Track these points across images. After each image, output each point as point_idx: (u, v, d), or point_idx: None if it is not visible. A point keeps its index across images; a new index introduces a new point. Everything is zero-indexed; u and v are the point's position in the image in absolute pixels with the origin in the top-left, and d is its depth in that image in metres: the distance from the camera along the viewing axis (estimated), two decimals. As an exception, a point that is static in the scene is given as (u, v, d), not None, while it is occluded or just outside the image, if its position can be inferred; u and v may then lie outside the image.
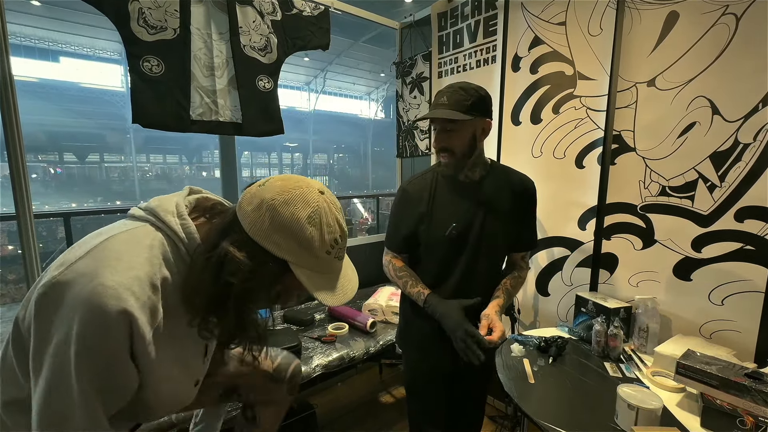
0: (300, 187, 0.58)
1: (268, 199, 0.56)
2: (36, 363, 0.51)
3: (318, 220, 0.57)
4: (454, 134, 1.04)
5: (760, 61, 1.11)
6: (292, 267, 0.58)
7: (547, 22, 1.63)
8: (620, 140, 1.44)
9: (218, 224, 0.60)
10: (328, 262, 0.61)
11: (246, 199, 0.58)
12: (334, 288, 0.63)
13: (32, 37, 9.69)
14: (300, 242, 0.57)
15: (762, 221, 1.13)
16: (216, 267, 0.55)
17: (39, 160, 12.52)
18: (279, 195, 0.56)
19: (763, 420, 0.83)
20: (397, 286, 1.18)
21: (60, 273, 0.52)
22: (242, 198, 0.59)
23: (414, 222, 1.12)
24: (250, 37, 1.72)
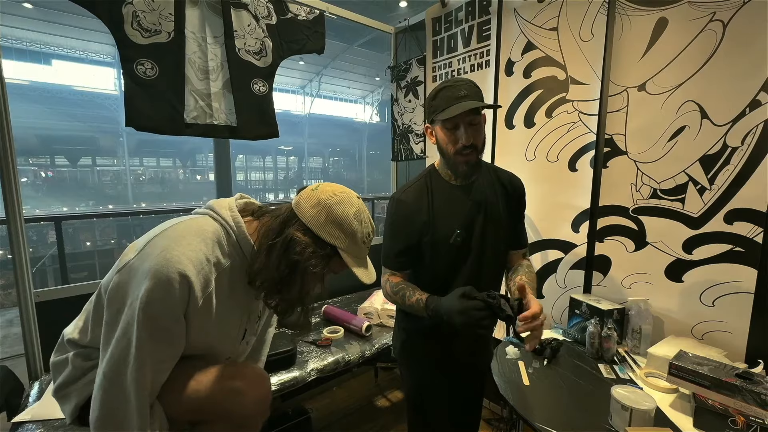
0: (346, 192, 0.77)
1: (324, 200, 0.74)
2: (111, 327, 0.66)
3: (360, 217, 0.76)
4: (478, 128, 0.98)
5: (747, 66, 1.13)
6: (341, 251, 0.75)
7: (539, 28, 1.65)
8: (612, 144, 1.46)
9: (277, 219, 0.75)
10: (363, 250, 0.79)
11: (304, 199, 0.75)
12: (366, 270, 0.80)
13: (24, 40, 9.60)
14: (347, 233, 0.74)
15: (751, 223, 1.15)
16: (283, 248, 0.71)
17: (30, 163, 12.37)
18: (332, 197, 0.74)
19: (754, 419, 0.84)
20: (396, 304, 1.09)
21: (135, 257, 0.67)
22: (299, 199, 0.75)
23: (416, 233, 1.04)
24: (245, 41, 1.73)
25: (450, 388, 1.15)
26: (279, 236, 0.71)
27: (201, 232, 0.70)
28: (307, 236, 0.72)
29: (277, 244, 0.71)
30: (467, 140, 0.96)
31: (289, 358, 1.45)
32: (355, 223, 0.75)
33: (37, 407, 1.16)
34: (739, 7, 1.13)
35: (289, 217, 0.74)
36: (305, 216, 0.72)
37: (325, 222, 0.72)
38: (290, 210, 0.75)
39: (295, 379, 1.40)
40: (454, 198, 1.06)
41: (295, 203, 0.75)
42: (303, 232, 0.72)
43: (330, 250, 0.74)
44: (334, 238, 0.73)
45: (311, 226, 0.72)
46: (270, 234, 0.72)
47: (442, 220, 1.04)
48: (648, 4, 1.32)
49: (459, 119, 0.96)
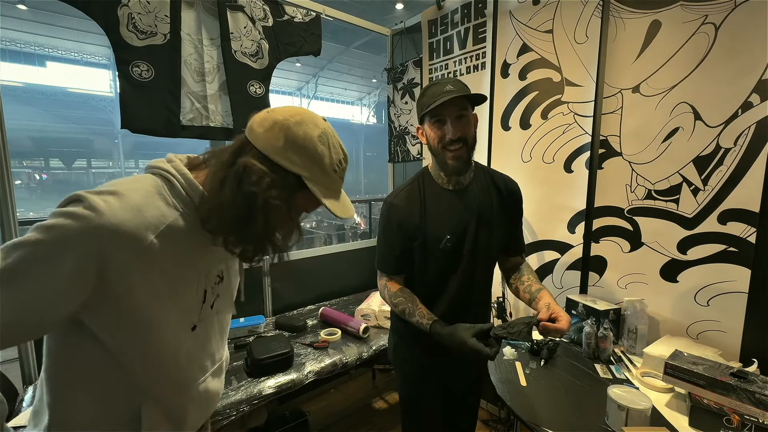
0: (308, 112, 0.65)
1: (281, 120, 0.61)
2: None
3: (327, 141, 0.64)
4: (466, 121, 0.97)
5: (739, 68, 1.15)
6: (306, 181, 0.62)
7: (534, 30, 1.66)
8: (607, 145, 1.47)
9: (227, 151, 0.63)
10: (335, 181, 0.67)
11: (257, 123, 0.62)
12: (341, 204, 0.68)
13: (18, 41, 9.53)
14: (312, 158, 0.62)
15: (744, 223, 1.17)
16: (237, 179, 0.59)
17: (24, 165, 12.28)
18: (291, 117, 0.62)
19: (749, 418, 0.84)
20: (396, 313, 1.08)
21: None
22: (251, 123, 0.63)
23: (408, 237, 1.03)
24: (242, 43, 1.73)
25: (444, 391, 1.14)
26: (231, 168, 0.60)
27: (138, 183, 0.60)
28: (265, 164, 0.60)
29: (229, 175, 0.59)
30: (454, 134, 0.95)
31: (286, 360, 1.45)
32: (321, 147, 0.63)
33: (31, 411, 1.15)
34: (730, 10, 1.15)
35: (242, 146, 0.62)
36: (260, 141, 0.61)
37: (285, 146, 0.60)
38: (243, 139, 0.63)
39: (292, 382, 1.40)
40: (446, 202, 1.04)
41: (248, 129, 0.63)
42: (259, 160, 0.60)
43: (294, 180, 0.62)
44: (297, 165, 0.61)
45: (268, 153, 0.60)
46: (221, 168, 0.61)
47: (433, 224, 1.02)
48: (641, 6, 1.34)
49: (445, 113, 0.95)
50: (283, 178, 0.61)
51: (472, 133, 0.99)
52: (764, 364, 1.11)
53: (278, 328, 1.83)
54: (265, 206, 0.60)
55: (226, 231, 0.61)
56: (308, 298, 2.21)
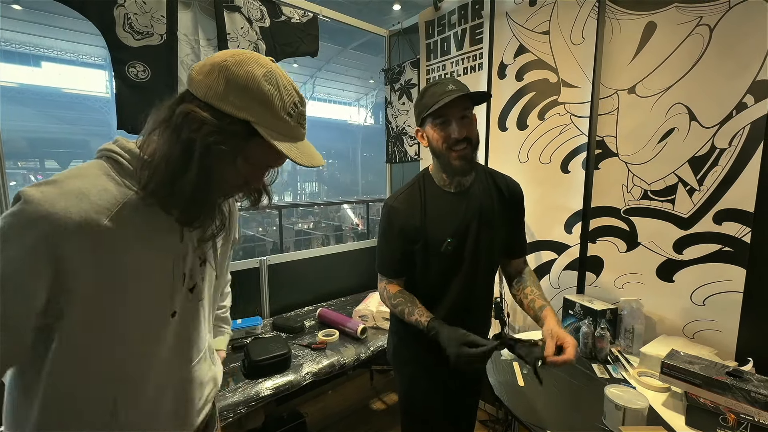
0: (250, 52, 0.58)
1: (220, 62, 0.55)
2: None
3: (275, 81, 0.57)
4: (471, 121, 0.96)
5: (733, 69, 1.15)
6: (255, 126, 0.56)
7: (531, 31, 1.67)
8: (603, 146, 1.48)
9: (165, 106, 0.58)
10: (291, 127, 0.60)
11: (195, 71, 0.57)
12: (300, 150, 0.61)
13: (12, 42, 9.46)
14: (258, 99, 0.56)
15: (739, 223, 1.18)
16: (175, 130, 0.54)
17: (19, 166, 12.18)
18: (231, 57, 0.56)
19: (744, 417, 0.85)
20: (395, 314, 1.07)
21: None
22: (190, 72, 0.57)
23: (409, 240, 1.02)
24: (239, 44, 1.72)
25: (443, 391, 1.14)
26: (169, 120, 0.55)
27: (80, 170, 0.56)
28: (207, 112, 0.54)
29: (168, 127, 0.55)
30: (460, 133, 0.93)
31: (283, 361, 1.45)
32: (268, 86, 0.56)
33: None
34: (724, 12, 1.16)
35: (182, 97, 0.57)
36: (200, 89, 0.55)
37: (226, 89, 0.54)
38: (182, 91, 0.58)
39: (289, 383, 1.39)
40: (448, 205, 1.03)
41: (188, 78, 0.57)
42: (200, 108, 0.54)
43: (241, 128, 0.56)
44: (242, 109, 0.55)
45: (209, 99, 0.54)
46: (158, 124, 0.56)
47: (434, 227, 1.01)
48: (637, 8, 1.35)
49: (449, 114, 0.93)
50: (229, 124, 0.55)
51: (476, 133, 0.98)
52: (759, 363, 1.12)
53: (276, 330, 1.82)
54: (205, 153, 0.54)
55: (164, 189, 0.56)
56: (306, 299, 2.20)
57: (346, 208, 11.44)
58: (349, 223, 10.87)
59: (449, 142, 0.95)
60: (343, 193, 18.86)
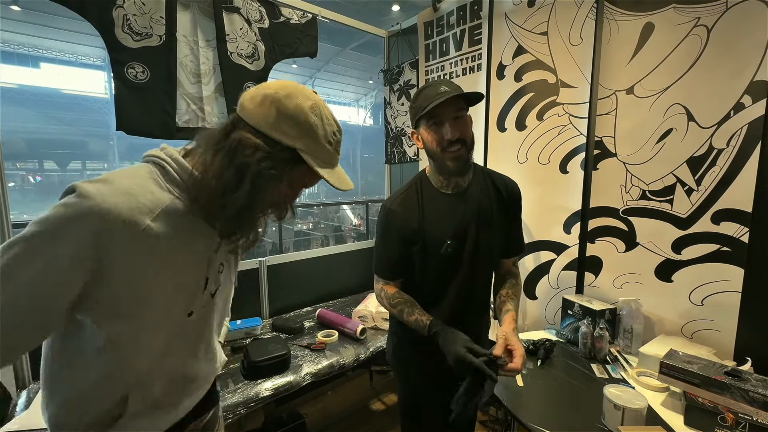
0: (296, 85, 0.65)
1: (272, 94, 0.61)
2: None
3: (319, 112, 0.64)
4: (464, 122, 0.96)
5: (731, 70, 1.16)
6: (301, 154, 0.62)
7: (529, 32, 1.67)
8: (602, 146, 1.48)
9: (218, 129, 0.63)
10: (330, 154, 0.66)
11: (247, 99, 0.63)
12: (336, 175, 0.67)
13: (11, 42, 9.45)
14: (305, 130, 0.62)
15: (737, 223, 1.18)
16: (229, 154, 0.59)
17: (17, 167, 12.17)
18: (281, 90, 0.62)
19: (743, 416, 0.85)
20: (393, 316, 1.07)
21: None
22: (242, 100, 0.63)
23: (407, 243, 1.02)
24: (238, 44, 1.72)
25: (443, 392, 1.14)
26: (222, 144, 0.60)
27: (129, 171, 0.60)
28: (258, 138, 0.60)
29: (221, 150, 0.60)
30: (453, 134, 0.93)
31: (283, 362, 1.44)
32: (313, 118, 0.62)
33: (25, 416, 1.14)
34: (722, 13, 1.16)
35: (234, 123, 0.62)
36: (252, 117, 0.61)
37: (277, 119, 0.60)
38: (234, 116, 0.63)
39: (289, 384, 1.39)
40: (446, 207, 1.03)
41: (239, 106, 0.63)
42: (253, 134, 0.60)
43: (288, 154, 0.62)
44: (290, 137, 0.61)
45: (261, 127, 0.60)
46: (212, 145, 0.61)
47: (432, 229, 1.01)
48: (635, 9, 1.35)
49: (443, 115, 0.93)
50: (279, 151, 0.61)
51: (471, 134, 0.98)
52: (758, 362, 1.12)
53: (275, 330, 1.82)
54: (257, 176, 0.59)
55: (214, 204, 0.60)
56: (305, 299, 2.20)
57: (345, 209, 11.43)
58: (348, 224, 10.87)
59: (443, 143, 0.95)
60: (342, 194, 18.83)
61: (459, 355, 0.85)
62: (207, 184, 0.60)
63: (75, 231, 0.53)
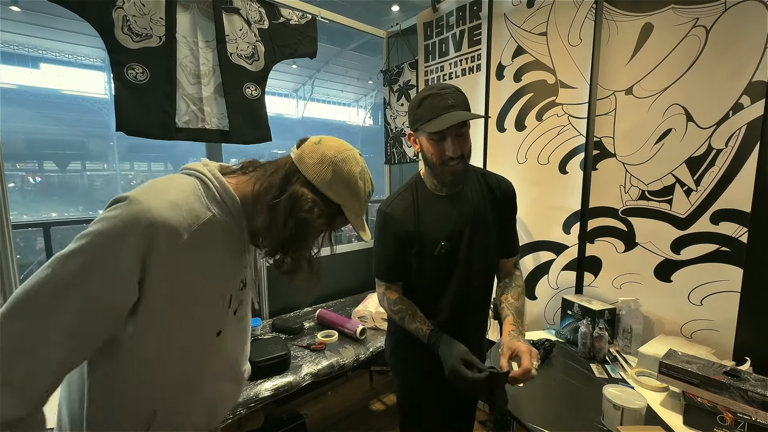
0: (351, 149, 0.73)
1: (330, 156, 0.68)
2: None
3: (364, 177, 0.73)
4: (465, 138, 0.96)
5: (730, 70, 1.16)
6: (344, 210, 0.71)
7: (529, 33, 1.67)
8: (601, 146, 1.48)
9: (276, 174, 0.69)
10: (363, 209, 0.75)
11: (307, 154, 0.69)
12: (363, 224, 0.76)
13: (11, 43, 9.45)
14: (353, 192, 0.71)
15: (736, 224, 1.18)
16: (289, 205, 0.65)
17: (17, 168, 12.16)
18: (338, 153, 0.69)
19: (742, 416, 0.85)
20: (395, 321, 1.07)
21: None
22: (302, 152, 0.70)
23: (402, 245, 1.03)
24: (237, 45, 1.72)
25: (441, 392, 1.14)
26: (282, 193, 0.66)
27: (174, 181, 0.63)
28: (314, 193, 0.67)
29: (282, 201, 0.65)
30: (455, 152, 0.93)
31: (282, 363, 1.45)
32: (360, 183, 0.71)
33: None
34: (720, 14, 1.16)
35: (292, 172, 0.68)
36: (310, 172, 0.67)
37: (332, 180, 0.68)
38: (291, 164, 0.69)
39: (289, 384, 1.39)
40: (441, 209, 1.04)
41: (297, 158, 0.69)
42: (309, 189, 0.67)
43: (335, 209, 0.70)
44: (340, 197, 0.69)
45: (316, 184, 0.67)
46: (271, 189, 0.66)
47: (427, 231, 1.02)
48: (634, 9, 1.35)
49: (446, 131, 0.92)
50: (328, 206, 0.69)
51: (469, 147, 0.98)
52: (757, 362, 1.12)
53: (275, 331, 1.82)
54: (314, 231, 0.69)
55: (274, 248, 0.68)
56: (305, 300, 2.20)
57: (345, 209, 11.40)
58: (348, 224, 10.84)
59: (443, 158, 0.95)
60: (342, 194, 18.79)
61: (453, 368, 0.85)
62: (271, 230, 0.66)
63: (132, 237, 0.54)
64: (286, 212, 0.65)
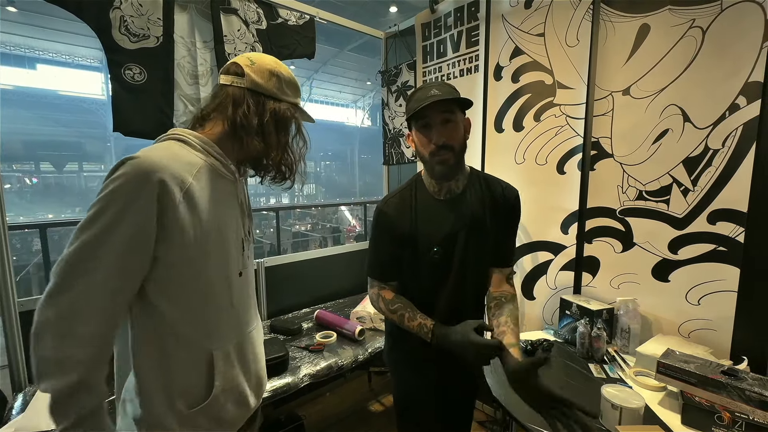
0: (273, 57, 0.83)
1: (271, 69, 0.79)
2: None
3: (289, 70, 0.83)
4: (453, 126, 0.94)
5: (726, 71, 1.17)
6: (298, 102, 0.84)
7: (527, 33, 1.68)
8: (599, 147, 1.49)
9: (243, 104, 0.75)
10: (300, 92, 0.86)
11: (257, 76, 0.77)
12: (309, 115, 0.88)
13: (7, 44, 9.42)
14: (296, 87, 0.83)
15: (733, 223, 1.19)
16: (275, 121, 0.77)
17: (13, 169, 12.10)
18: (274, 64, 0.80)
19: (739, 415, 0.86)
20: (393, 322, 1.04)
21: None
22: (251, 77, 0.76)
23: (398, 245, 1.02)
24: (235, 46, 1.72)
25: (438, 392, 1.14)
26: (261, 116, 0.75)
27: (160, 146, 0.70)
28: (282, 102, 0.79)
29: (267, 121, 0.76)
30: (438, 139, 0.92)
31: (281, 364, 1.44)
32: (294, 78, 0.83)
33: (21, 419, 1.13)
34: (717, 15, 1.17)
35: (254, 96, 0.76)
36: (267, 89, 0.77)
37: (284, 86, 0.80)
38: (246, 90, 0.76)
39: (287, 385, 1.39)
40: (437, 213, 1.02)
41: (250, 82, 0.76)
42: (277, 101, 0.78)
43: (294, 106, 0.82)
44: (294, 95, 0.82)
45: (277, 95, 0.78)
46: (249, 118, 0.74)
47: (422, 234, 1.00)
48: (630, 10, 1.36)
49: (430, 118, 0.92)
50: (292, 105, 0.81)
51: (460, 139, 0.96)
52: (754, 361, 1.13)
53: (273, 332, 1.82)
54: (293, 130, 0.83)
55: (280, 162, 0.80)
56: (303, 300, 2.20)
57: (343, 210, 11.43)
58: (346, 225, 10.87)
59: (430, 147, 0.94)
60: (340, 195, 18.87)
61: (465, 333, 0.87)
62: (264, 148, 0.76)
63: (145, 185, 0.60)
64: (275, 127, 0.76)
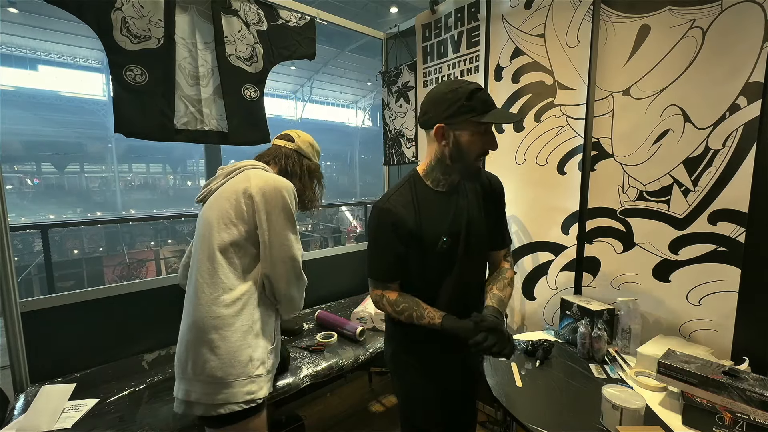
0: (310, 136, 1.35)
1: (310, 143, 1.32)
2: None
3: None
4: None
5: (726, 71, 1.17)
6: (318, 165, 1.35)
7: (527, 34, 1.68)
8: (599, 147, 1.49)
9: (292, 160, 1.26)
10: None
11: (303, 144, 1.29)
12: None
13: (8, 45, 9.45)
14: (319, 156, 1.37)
15: (733, 224, 1.19)
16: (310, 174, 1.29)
17: (15, 170, 12.13)
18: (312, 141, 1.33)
19: (740, 416, 0.85)
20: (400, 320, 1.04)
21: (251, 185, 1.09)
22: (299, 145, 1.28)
23: (403, 243, 1.01)
24: (236, 47, 1.73)
25: (441, 395, 1.14)
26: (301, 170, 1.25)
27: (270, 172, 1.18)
28: (312, 162, 1.30)
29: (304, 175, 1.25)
30: (494, 146, 0.99)
31: (281, 364, 1.44)
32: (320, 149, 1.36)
33: (22, 420, 1.13)
34: (717, 15, 1.17)
35: (299, 156, 1.26)
36: (309, 153, 1.29)
37: (315, 154, 1.32)
38: (294, 151, 1.26)
39: (288, 386, 1.39)
40: (439, 204, 1.04)
41: (297, 147, 1.27)
42: (311, 162, 1.30)
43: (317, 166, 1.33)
44: (318, 159, 1.34)
45: (312, 158, 1.31)
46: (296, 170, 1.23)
47: (429, 227, 1.01)
48: (631, 11, 1.36)
49: (490, 126, 0.98)
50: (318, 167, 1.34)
51: None
52: (755, 362, 1.13)
53: (274, 332, 1.82)
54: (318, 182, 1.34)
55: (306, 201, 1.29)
56: (304, 301, 2.20)
57: (344, 210, 11.44)
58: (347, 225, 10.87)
59: (481, 150, 0.98)
60: (341, 195, 18.87)
61: (475, 317, 0.96)
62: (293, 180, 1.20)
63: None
64: (310, 178, 1.28)
